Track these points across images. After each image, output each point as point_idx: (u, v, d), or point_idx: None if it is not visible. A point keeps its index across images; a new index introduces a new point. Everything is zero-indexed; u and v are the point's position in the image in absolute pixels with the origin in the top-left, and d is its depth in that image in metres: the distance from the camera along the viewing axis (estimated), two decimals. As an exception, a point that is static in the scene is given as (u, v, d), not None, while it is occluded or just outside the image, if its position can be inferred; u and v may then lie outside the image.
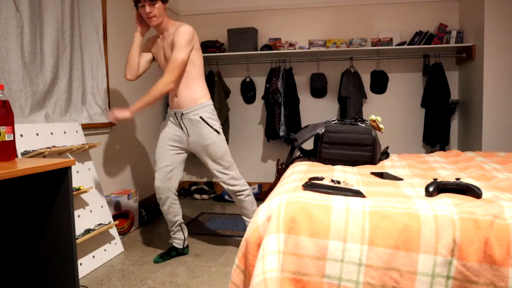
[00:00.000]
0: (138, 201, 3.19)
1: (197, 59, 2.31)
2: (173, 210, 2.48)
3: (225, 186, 2.42)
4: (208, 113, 2.33)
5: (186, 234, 2.57)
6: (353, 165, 1.90)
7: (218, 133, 2.34)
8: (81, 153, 2.51)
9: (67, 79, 2.58)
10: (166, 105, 4.17)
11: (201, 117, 2.30)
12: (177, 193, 2.50)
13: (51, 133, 2.30)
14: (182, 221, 2.55)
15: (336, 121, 2.02)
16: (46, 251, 1.65)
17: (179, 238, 2.54)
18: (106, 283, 2.15)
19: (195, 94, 2.32)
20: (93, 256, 2.35)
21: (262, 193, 4.15)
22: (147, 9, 2.17)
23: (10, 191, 1.69)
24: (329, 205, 1.14)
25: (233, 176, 2.41)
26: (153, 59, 2.45)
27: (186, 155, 2.47)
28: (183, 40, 2.18)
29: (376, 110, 4.12)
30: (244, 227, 3.08)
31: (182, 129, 2.37)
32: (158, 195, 2.44)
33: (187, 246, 2.59)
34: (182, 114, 2.33)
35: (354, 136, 1.89)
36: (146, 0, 2.15)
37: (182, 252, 2.55)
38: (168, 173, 2.41)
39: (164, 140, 2.41)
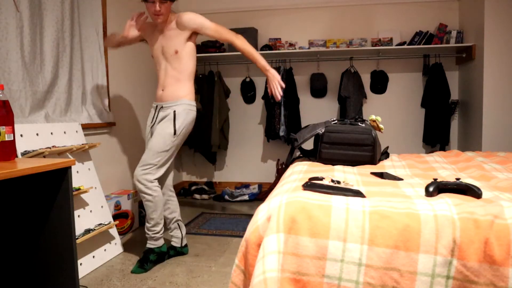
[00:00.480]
0: (138, 201, 3.19)
1: (194, 57, 2.35)
2: (168, 206, 2.47)
3: (135, 179, 2.27)
4: (183, 110, 2.28)
5: (184, 232, 2.55)
6: (353, 165, 1.90)
7: (174, 134, 2.25)
8: (81, 153, 2.51)
9: (67, 79, 2.58)
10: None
11: (174, 111, 2.27)
12: (173, 190, 2.49)
13: (51, 133, 2.30)
14: (180, 219, 2.54)
15: (336, 121, 2.02)
16: (46, 251, 1.65)
17: (176, 236, 2.52)
18: (106, 283, 2.15)
19: (181, 91, 2.31)
20: (93, 256, 2.35)
21: (262, 193, 4.15)
22: (157, 7, 2.16)
23: (10, 191, 1.69)
24: (329, 205, 1.14)
25: (146, 178, 2.25)
26: (141, 40, 2.47)
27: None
28: (199, 18, 2.25)
29: (376, 110, 4.12)
30: (244, 227, 3.08)
31: (153, 120, 2.37)
32: None
33: (186, 245, 2.56)
34: (162, 107, 2.33)
35: (354, 136, 1.89)
36: None
37: (180, 251, 2.53)
38: None
39: (147, 139, 2.44)
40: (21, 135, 2.09)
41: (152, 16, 2.23)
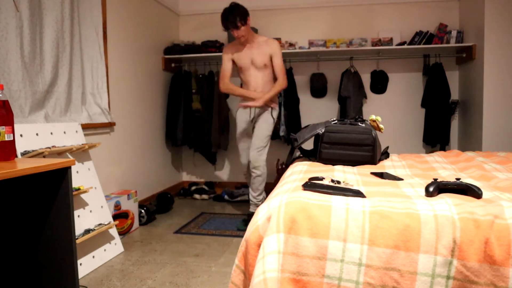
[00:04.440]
0: (138, 201, 3.19)
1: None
2: (253, 182, 3.16)
3: (252, 161, 3.04)
4: (274, 108, 3.12)
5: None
6: (353, 165, 1.90)
7: (273, 121, 3.09)
8: (81, 153, 2.51)
9: (67, 79, 2.58)
10: (164, 106, 4.17)
11: (271, 108, 3.07)
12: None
13: (51, 133, 2.30)
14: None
15: (336, 121, 2.02)
16: (46, 251, 1.65)
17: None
18: (106, 283, 2.15)
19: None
20: (93, 256, 2.35)
21: (262, 193, 4.15)
22: (235, 33, 2.86)
23: (10, 191, 1.69)
24: (329, 205, 1.14)
25: (262, 158, 3.05)
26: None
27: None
28: (279, 52, 2.98)
29: (376, 110, 4.12)
30: (244, 227, 3.08)
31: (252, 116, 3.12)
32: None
33: None
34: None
35: (354, 136, 1.89)
36: (233, 28, 2.82)
37: None
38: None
39: (245, 130, 3.15)
40: (21, 135, 2.09)
41: (237, 39, 2.94)
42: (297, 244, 1.09)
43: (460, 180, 1.34)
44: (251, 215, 3.06)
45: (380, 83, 4.06)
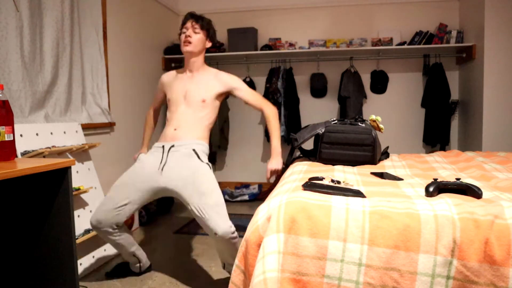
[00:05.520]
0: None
1: (217, 110, 2.22)
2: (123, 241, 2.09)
3: (224, 237, 1.91)
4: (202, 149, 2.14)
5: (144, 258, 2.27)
6: (353, 165, 1.90)
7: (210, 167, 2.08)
8: (81, 153, 2.51)
9: (67, 79, 2.58)
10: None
11: (194, 149, 2.08)
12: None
13: (51, 133, 2.29)
14: (134, 249, 2.16)
15: (336, 121, 2.02)
16: (46, 251, 1.65)
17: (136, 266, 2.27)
18: (106, 283, 2.15)
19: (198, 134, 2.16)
20: (93, 256, 2.35)
21: (262, 193, 4.15)
22: (188, 32, 2.10)
23: (10, 191, 1.69)
24: (329, 205, 1.14)
25: (230, 225, 1.92)
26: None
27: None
28: (239, 80, 2.19)
29: (376, 110, 4.11)
30: (244, 227, 3.07)
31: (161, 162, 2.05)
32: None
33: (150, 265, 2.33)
34: (173, 146, 2.08)
35: (354, 136, 1.89)
36: (191, 22, 2.10)
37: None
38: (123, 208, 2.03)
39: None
40: (21, 135, 2.09)
41: (182, 44, 2.13)
42: (297, 244, 1.09)
43: (460, 180, 1.34)
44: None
45: (380, 83, 4.06)
